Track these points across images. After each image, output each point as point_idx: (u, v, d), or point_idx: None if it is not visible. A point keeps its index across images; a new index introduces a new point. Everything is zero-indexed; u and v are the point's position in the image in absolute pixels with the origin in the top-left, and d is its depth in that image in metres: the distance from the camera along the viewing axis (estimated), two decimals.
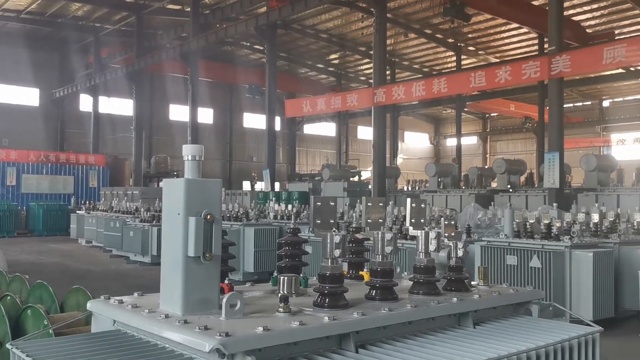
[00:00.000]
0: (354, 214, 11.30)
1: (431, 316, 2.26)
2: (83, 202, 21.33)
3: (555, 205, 10.13)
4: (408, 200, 3.02)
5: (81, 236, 19.24)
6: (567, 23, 19.86)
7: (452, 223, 2.99)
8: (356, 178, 28.49)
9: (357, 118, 38.43)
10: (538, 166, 23.08)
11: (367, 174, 32.00)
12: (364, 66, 33.98)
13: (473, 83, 17.86)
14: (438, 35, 28.69)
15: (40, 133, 29.89)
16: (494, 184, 21.02)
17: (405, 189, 25.55)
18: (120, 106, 32.11)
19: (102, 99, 31.11)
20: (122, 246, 14.60)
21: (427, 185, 22.77)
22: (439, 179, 21.36)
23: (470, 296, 2.47)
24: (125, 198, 19.46)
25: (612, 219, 8.51)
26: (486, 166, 33.73)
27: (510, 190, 18.90)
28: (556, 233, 7.58)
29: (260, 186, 29.83)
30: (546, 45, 18.63)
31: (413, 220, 2.97)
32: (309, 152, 41.63)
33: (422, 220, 3.00)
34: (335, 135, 40.10)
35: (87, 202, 20.41)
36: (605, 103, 38.91)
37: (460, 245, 2.64)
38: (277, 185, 24.52)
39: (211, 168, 34.89)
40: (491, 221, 10.21)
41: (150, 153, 32.13)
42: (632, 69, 26.23)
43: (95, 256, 15.89)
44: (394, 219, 9.72)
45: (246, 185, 35.01)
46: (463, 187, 21.02)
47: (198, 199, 2.05)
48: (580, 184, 18.33)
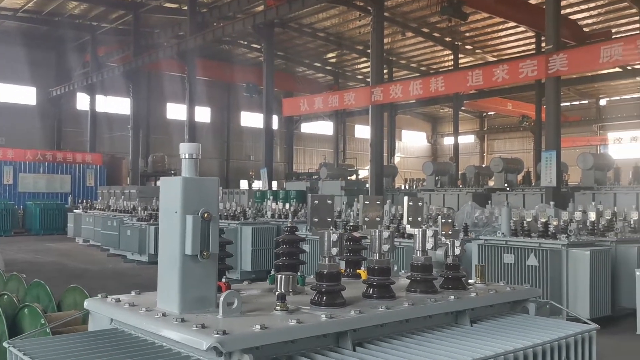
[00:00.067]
0: (352, 213, 11.31)
1: (428, 314, 2.27)
2: (80, 201, 21.33)
3: (552, 203, 10.17)
4: (405, 198, 3.02)
5: (78, 235, 19.22)
6: (564, 22, 19.88)
7: (450, 221, 2.98)
8: (354, 177, 28.52)
9: (355, 117, 38.42)
10: (535, 165, 23.12)
11: (365, 173, 32.00)
12: (362, 65, 33.97)
13: (470, 82, 17.88)
14: (435, 34, 28.71)
15: (37, 132, 29.85)
16: (491, 183, 21.05)
17: (402, 188, 25.57)
18: (117, 105, 32.05)
19: (99, 98, 31.02)
20: (120, 245, 14.59)
21: (425, 184, 22.78)
22: (437, 178, 21.38)
23: (467, 294, 2.47)
24: (122, 197, 19.46)
25: (609, 218, 8.53)
26: (483, 165, 33.81)
27: (507, 188, 18.92)
28: (553, 231, 7.61)
29: (257, 185, 29.80)
30: (543, 44, 18.66)
31: (410, 218, 2.97)
32: (307, 151, 41.63)
33: (420, 218, 3.01)
34: (332, 134, 40.10)
35: (85, 201, 20.40)
36: (602, 102, 38.98)
37: (457, 243, 2.64)
38: (275, 184, 24.54)
39: (209, 167, 34.86)
40: (488, 220, 10.25)
41: (147, 152, 32.08)
42: (629, 68, 26.26)
43: (92, 255, 15.87)
44: (392, 218, 9.73)
45: (244, 184, 35.02)
46: (460, 186, 21.04)
47: (195, 197, 2.05)
48: (577, 183, 18.39)
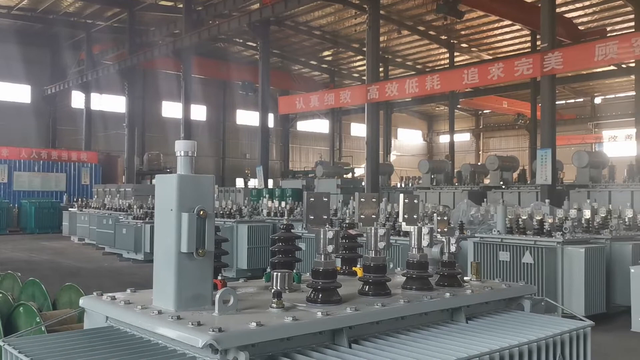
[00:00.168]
0: (347, 211, 11.32)
1: (424, 311, 2.27)
2: (75, 200, 21.25)
3: (547, 201, 10.20)
4: (401, 196, 3.02)
5: (73, 234, 19.16)
6: (560, 20, 19.91)
7: (445, 219, 2.98)
8: (349, 175, 28.53)
9: (351, 115, 38.42)
10: (530, 163, 23.17)
11: (361, 171, 32.03)
12: (357, 63, 33.95)
13: (466, 80, 17.90)
14: (431, 32, 28.72)
15: (31, 130, 29.72)
16: (487, 181, 21.07)
17: (398, 186, 25.59)
18: (112, 103, 31.93)
19: (94, 96, 30.92)
20: (115, 243, 14.55)
21: (420, 182, 22.77)
22: (432, 176, 21.37)
23: (462, 291, 2.48)
24: (117, 195, 19.42)
25: (604, 215, 8.57)
26: (479, 163, 33.83)
27: (502, 186, 18.94)
28: (548, 229, 7.64)
29: (253, 183, 29.78)
30: (539, 42, 18.68)
31: (406, 216, 2.97)
32: (302, 149, 41.61)
33: (415, 216, 3.01)
34: (328, 132, 40.09)
35: (80, 200, 20.33)
36: (597, 100, 39.08)
37: (453, 240, 2.64)
38: (271, 182, 24.51)
39: (204, 165, 34.81)
40: (484, 217, 10.27)
41: (143, 150, 32.01)
42: (624, 66, 26.29)
43: (87, 254, 15.83)
44: (387, 216, 9.75)
45: (239, 182, 34.99)
46: (456, 184, 21.04)
47: (191, 195, 2.04)
48: (572, 181, 18.42)
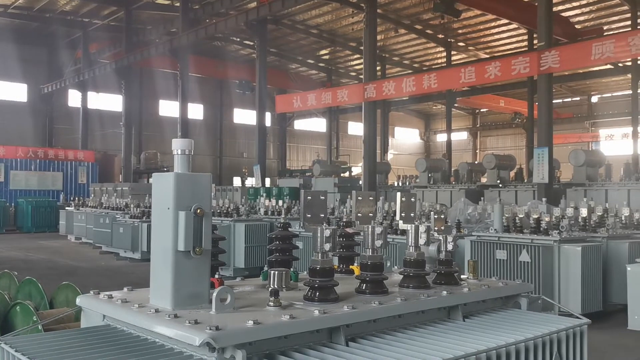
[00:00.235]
0: (345, 210, 11.32)
1: (421, 309, 2.27)
2: (72, 199, 21.21)
3: (544, 200, 10.22)
4: (398, 194, 3.02)
5: (70, 233, 19.13)
6: (556, 19, 19.92)
7: (442, 217, 2.98)
8: (347, 174, 28.53)
9: (348, 114, 38.43)
10: (527, 161, 23.14)
11: (358, 170, 32.05)
12: (355, 62, 33.96)
13: (463, 79, 17.91)
14: (428, 31, 28.72)
15: (28, 129, 29.66)
16: (484, 179, 21.08)
17: (395, 185, 25.60)
18: (109, 102, 31.87)
19: (91, 95, 30.84)
20: (112, 242, 14.54)
21: (418, 180, 22.77)
22: (429, 175, 21.38)
23: (459, 289, 2.48)
24: (114, 194, 19.39)
25: (601, 214, 8.59)
26: (476, 161, 33.84)
27: (500, 185, 18.96)
28: (545, 228, 7.65)
29: (250, 182, 29.77)
30: (535, 41, 18.70)
31: (403, 214, 2.97)
32: (300, 148, 41.59)
33: (412, 214, 3.01)
34: (325, 131, 40.06)
35: (76, 199, 20.30)
36: (593, 99, 39.16)
37: (450, 239, 2.65)
38: (268, 181, 24.48)
39: (201, 164, 34.77)
40: (481, 216, 10.28)
41: (140, 149, 31.96)
42: (620, 65, 26.37)
43: (84, 253, 15.80)
44: (385, 214, 9.75)
45: (237, 181, 34.97)
46: (453, 183, 21.06)
47: (188, 193, 2.04)
48: (569, 179, 18.43)
